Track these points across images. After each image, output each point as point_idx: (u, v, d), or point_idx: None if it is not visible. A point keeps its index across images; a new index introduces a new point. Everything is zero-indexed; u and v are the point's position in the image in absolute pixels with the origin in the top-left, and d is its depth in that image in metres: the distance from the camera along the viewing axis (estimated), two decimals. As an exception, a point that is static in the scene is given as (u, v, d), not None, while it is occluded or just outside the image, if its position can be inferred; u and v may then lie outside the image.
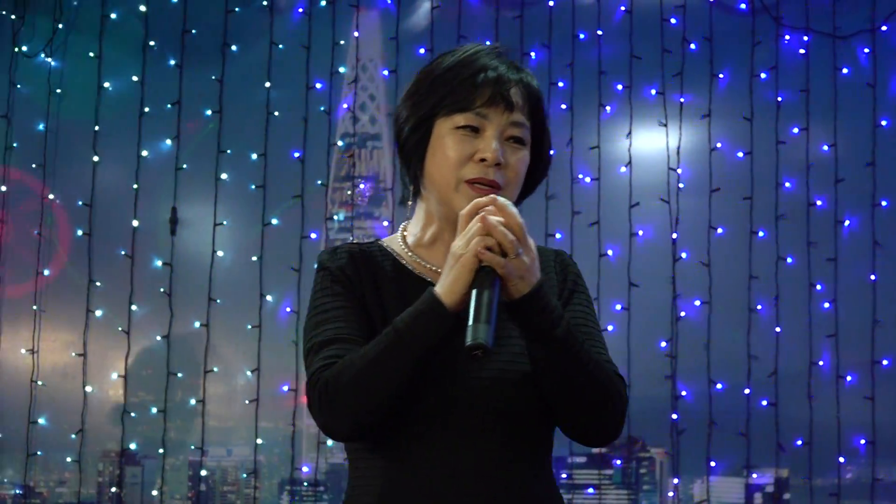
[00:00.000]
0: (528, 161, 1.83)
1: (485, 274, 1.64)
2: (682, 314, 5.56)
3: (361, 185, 5.67)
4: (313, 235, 5.61)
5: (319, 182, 5.65)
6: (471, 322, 1.60)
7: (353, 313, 1.79)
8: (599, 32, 5.66)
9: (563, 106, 5.62)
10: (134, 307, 5.58)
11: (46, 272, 5.64)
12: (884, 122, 5.56)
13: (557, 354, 1.69)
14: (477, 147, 1.79)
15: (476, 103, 1.79)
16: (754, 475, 5.56)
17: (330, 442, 5.51)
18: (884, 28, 5.62)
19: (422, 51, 5.66)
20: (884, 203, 5.55)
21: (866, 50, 5.59)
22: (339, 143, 5.69)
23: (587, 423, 1.77)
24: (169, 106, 5.67)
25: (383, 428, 1.72)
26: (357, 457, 1.80)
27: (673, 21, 5.65)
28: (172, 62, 5.69)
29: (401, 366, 1.64)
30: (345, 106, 5.70)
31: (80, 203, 5.66)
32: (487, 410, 1.74)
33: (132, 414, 5.59)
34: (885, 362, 5.50)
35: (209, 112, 5.62)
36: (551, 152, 1.89)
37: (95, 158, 5.68)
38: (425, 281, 1.82)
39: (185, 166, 5.63)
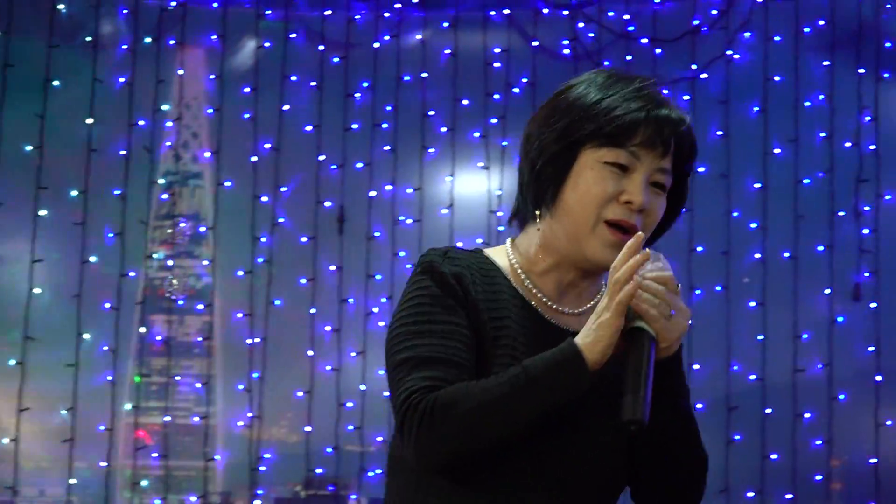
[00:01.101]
0: (664, 208, 1.91)
1: (638, 337, 1.74)
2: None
3: (182, 224, 6.27)
4: (132, 274, 6.20)
5: (140, 220, 6.20)
6: (628, 394, 1.70)
7: (461, 331, 1.83)
8: (424, 75, 6.32)
9: (387, 147, 6.28)
10: (-51, 343, 6.12)
11: None
12: (701, 169, 6.24)
13: (681, 420, 1.82)
14: (623, 187, 1.86)
15: (633, 141, 1.85)
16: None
17: (145, 482, 6.06)
18: (703, 76, 6.31)
19: (247, 90, 6.30)
20: (699, 248, 6.24)
21: (686, 97, 6.28)
22: (161, 181, 6.27)
23: (678, 495, 1.89)
24: (-11, 141, 6.24)
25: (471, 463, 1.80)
26: (423, 479, 1.85)
27: (497, 65, 6.33)
28: (-7, 97, 6.26)
29: (526, 412, 1.73)
30: (167, 143, 6.28)
31: None
32: (580, 473, 1.84)
33: (-56, 452, 6.12)
34: (699, 406, 6.18)
35: (29, 147, 6.17)
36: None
37: (-88, 193, 6.23)
38: (540, 315, 1.91)
39: (2, 202, 6.17)
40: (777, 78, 6.39)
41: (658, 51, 6.41)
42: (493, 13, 6.42)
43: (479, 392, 1.74)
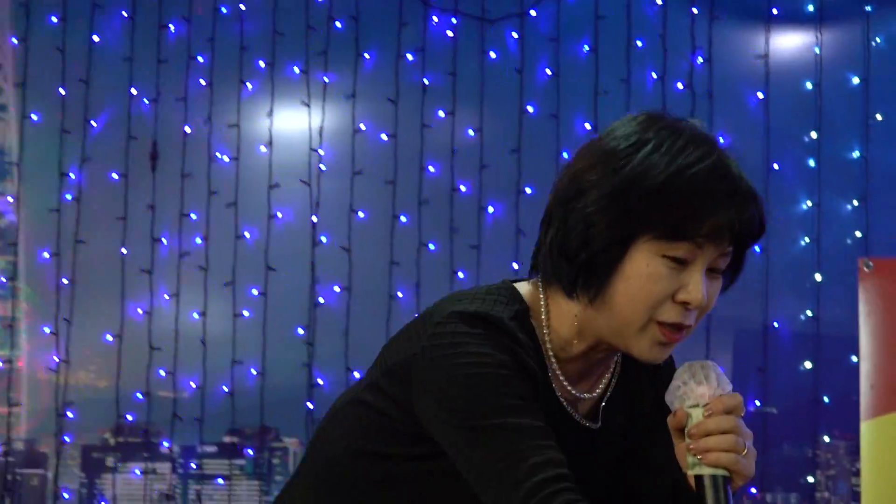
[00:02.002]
0: (719, 291, 1.84)
1: (719, 486, 1.70)
2: (321, 300, 6.54)
3: (-14, 158, 6.51)
4: (-68, 210, 6.42)
5: (-60, 154, 6.45)
6: None
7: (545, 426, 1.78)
8: (242, 7, 6.61)
9: (203, 82, 6.57)
10: None
11: None
12: (530, 109, 6.62)
13: None
14: (681, 282, 1.77)
15: (700, 232, 1.76)
16: None
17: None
18: (532, 13, 6.71)
19: (54, 19, 6.56)
20: (528, 190, 6.61)
21: (514, 34, 6.66)
22: (-37, 112, 6.51)
23: None
24: None
25: None
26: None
27: (318, -2, 6.64)
28: None
29: None
30: (-30, 74, 6.52)
31: None
32: None
33: None
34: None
35: None
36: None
37: None
38: (564, 409, 1.87)
39: None
40: (608, 16, 6.76)
41: (486, -14, 6.77)
42: (315, -58, 6.73)
43: None
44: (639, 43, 6.85)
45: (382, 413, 1.84)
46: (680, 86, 6.82)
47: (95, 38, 6.66)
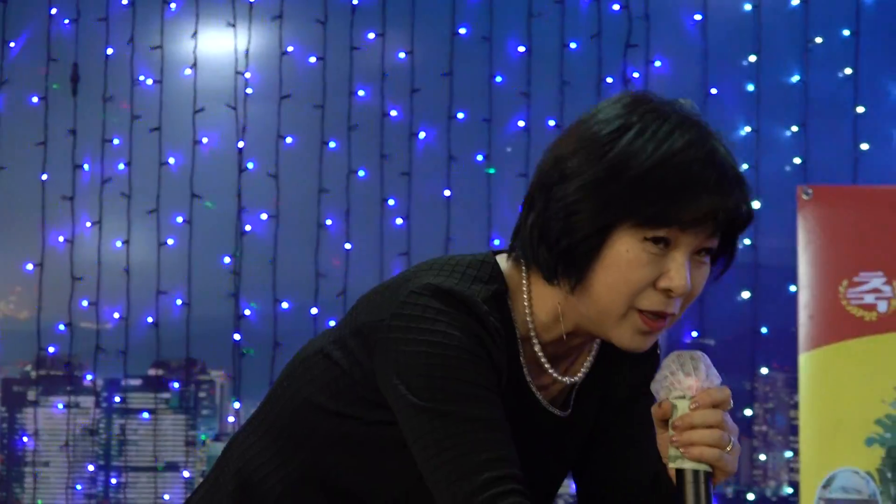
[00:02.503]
0: (707, 277, 1.85)
1: (699, 480, 1.71)
2: (248, 228, 6.69)
3: None
4: None
5: None
6: None
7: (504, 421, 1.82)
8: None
9: (125, 2, 6.64)
10: None
11: None
12: (462, 31, 6.76)
13: None
14: (663, 269, 1.79)
15: (683, 218, 1.77)
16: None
17: None
18: (465, -69, 6.78)
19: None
20: (460, 115, 6.76)
21: (445, -47, 6.75)
22: None
23: None
24: None
25: None
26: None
27: (244, -87, 6.72)
28: None
29: None
30: None
31: None
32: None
33: None
34: (457, 282, 6.70)
35: None
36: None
37: None
38: (533, 395, 1.91)
39: None
40: (542, -66, 6.89)
41: None
42: None
43: None
44: (573, -38, 6.99)
45: (345, 372, 1.87)
46: (616, 7, 6.97)
47: (11, -45, 6.74)
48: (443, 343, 1.77)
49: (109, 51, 6.79)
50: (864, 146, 6.79)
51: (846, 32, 6.87)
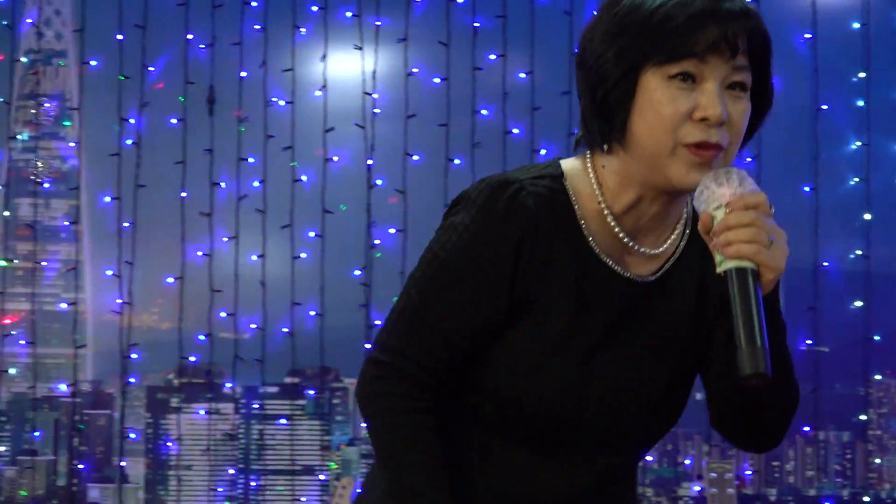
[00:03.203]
0: (749, 111, 1.93)
1: (739, 278, 1.76)
2: (377, 242, 7.07)
3: (46, 104, 7.06)
4: (-5, 156, 6.97)
5: (1, 100, 6.96)
6: (743, 345, 1.74)
7: (476, 306, 1.92)
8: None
9: (257, 27, 7.09)
10: None
11: None
12: (581, 51, 7.09)
13: (781, 362, 1.84)
14: (696, 101, 1.88)
15: (697, 47, 1.87)
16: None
17: (13, 370, 6.89)
18: (583, -46, 7.17)
19: (110, -35, 7.02)
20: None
21: (564, -24, 7.14)
22: (23, 59, 7.01)
23: (767, 432, 1.99)
24: None
25: (498, 419, 1.96)
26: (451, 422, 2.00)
27: (368, -55, 7.14)
28: None
29: None
30: (29, 21, 7.02)
31: None
32: (618, 432, 1.98)
33: None
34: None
35: None
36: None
37: None
38: (606, 266, 1.97)
39: None
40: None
41: (537, -72, 7.24)
42: None
43: (388, 461, 1.95)
44: None
45: None
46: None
47: (152, -16, 7.19)
48: (457, 237, 1.91)
49: (243, 73, 7.22)
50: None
51: (955, 48, 7.22)
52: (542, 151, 7.29)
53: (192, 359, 7.16)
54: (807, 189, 7.00)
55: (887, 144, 7.22)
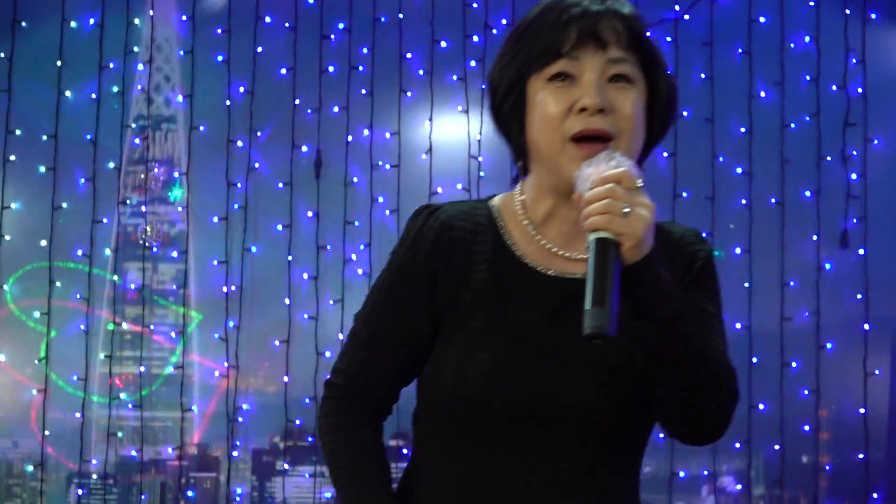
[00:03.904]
0: (640, 100, 2.08)
1: (598, 246, 1.87)
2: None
3: (155, 169, 7.21)
4: (105, 220, 7.14)
5: (112, 165, 7.16)
6: (588, 305, 1.83)
7: (401, 318, 2.14)
8: (401, 16, 7.26)
9: (363, 91, 7.22)
10: (-83, 293, 7.06)
11: None
12: (685, 113, 7.28)
13: (667, 335, 1.94)
14: (575, 96, 2.05)
15: (564, 47, 2.05)
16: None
17: (120, 433, 7.02)
18: (686, 17, 7.32)
19: (219, 31, 7.29)
20: (684, 194, 7.21)
21: (668, 39, 7.35)
22: (133, 125, 7.20)
23: (693, 418, 2.04)
24: (-45, 84, 7.15)
25: (455, 421, 2.13)
26: (423, 440, 2.25)
27: (475, 5, 7.28)
28: (-41, 38, 7.18)
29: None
30: (139, 87, 7.22)
31: None
32: (570, 414, 2.07)
33: (-86, 403, 7.07)
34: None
35: (-3, 91, 7.13)
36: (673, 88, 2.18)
37: None
38: (527, 267, 2.12)
39: (-29, 148, 7.11)
40: (762, 19, 7.37)
41: (642, -8, 7.36)
42: (471, -49, 7.39)
43: (336, 469, 2.20)
44: (792, 45, 7.42)
45: None
46: (834, 87, 7.38)
47: (259, 49, 7.35)
48: (388, 263, 2.24)
49: (350, 137, 7.36)
50: None
51: None
52: (648, 213, 7.33)
53: (298, 422, 7.25)
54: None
55: None
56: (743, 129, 7.40)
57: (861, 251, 7.33)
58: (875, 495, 7.20)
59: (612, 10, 2.07)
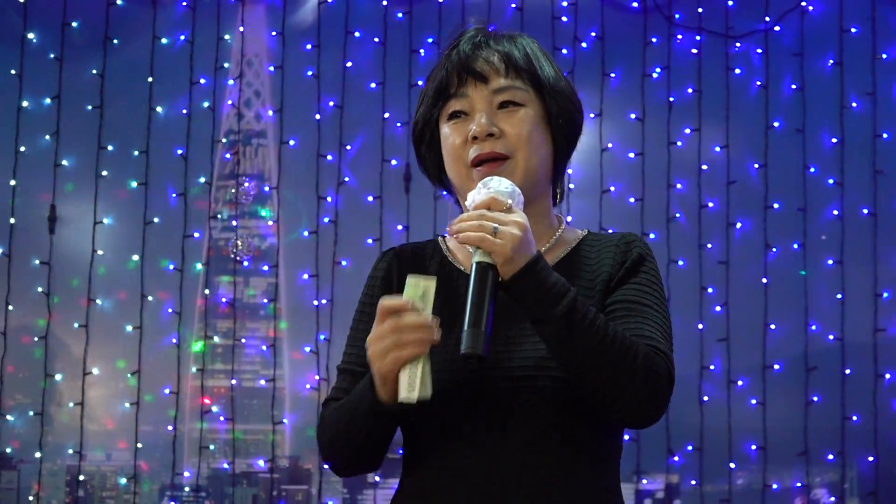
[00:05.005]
0: (532, 119, 2.35)
1: (477, 270, 2.07)
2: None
3: (246, 184, 7.41)
4: (196, 234, 7.34)
5: (203, 180, 7.36)
6: (465, 326, 2.02)
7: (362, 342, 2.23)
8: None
9: (452, 104, 7.33)
10: (10, 307, 7.23)
11: (-78, 270, 7.33)
12: (776, 124, 7.31)
13: (563, 333, 2.10)
14: (469, 128, 2.33)
15: (451, 89, 2.34)
16: (644, 481, 7.32)
17: (212, 446, 7.19)
18: (777, 28, 7.39)
19: (308, 46, 7.46)
20: (775, 205, 7.30)
21: (759, 50, 7.37)
22: (224, 140, 7.38)
23: (612, 405, 2.19)
24: (48, 100, 7.31)
25: (424, 424, 2.32)
26: (407, 451, 2.42)
27: (564, 19, 7.46)
28: (52, 55, 7.34)
29: (363, 432, 2.29)
30: (229, 102, 7.42)
31: (-43, 200, 7.36)
32: (528, 408, 2.24)
33: (8, 417, 7.25)
34: (776, 366, 7.24)
35: (90, 107, 7.30)
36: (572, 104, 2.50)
37: (-27, 154, 7.38)
38: (465, 274, 2.36)
39: (64, 162, 7.29)
40: (853, 29, 7.47)
41: (730, 3, 7.49)
42: (560, -36, 7.53)
43: (335, 419, 2.33)
44: (884, 55, 7.52)
45: None
46: (927, 97, 7.49)
47: (349, 63, 7.52)
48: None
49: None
50: None
51: None
52: (738, 225, 7.47)
53: (390, 434, 7.37)
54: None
55: None
56: (834, 140, 7.50)
57: (954, 262, 7.42)
58: (971, 508, 7.26)
59: (488, 44, 2.38)
